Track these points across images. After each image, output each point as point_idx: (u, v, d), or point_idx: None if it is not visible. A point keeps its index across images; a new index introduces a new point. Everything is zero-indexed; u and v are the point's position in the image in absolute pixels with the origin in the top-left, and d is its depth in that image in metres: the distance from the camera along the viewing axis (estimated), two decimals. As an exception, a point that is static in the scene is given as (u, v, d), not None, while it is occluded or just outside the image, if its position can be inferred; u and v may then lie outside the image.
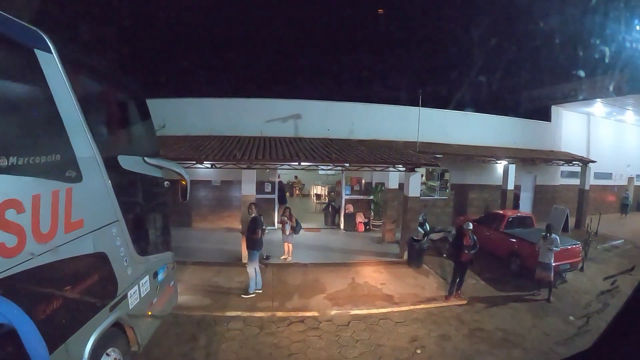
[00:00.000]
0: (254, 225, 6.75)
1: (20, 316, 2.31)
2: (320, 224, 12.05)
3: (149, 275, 4.86)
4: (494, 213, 10.57)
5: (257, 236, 6.73)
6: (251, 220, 6.85)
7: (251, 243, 6.76)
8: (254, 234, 6.71)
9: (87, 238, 3.49)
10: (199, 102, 11.61)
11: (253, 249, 6.77)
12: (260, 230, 6.74)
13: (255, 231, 6.71)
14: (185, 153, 8.09)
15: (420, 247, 8.41)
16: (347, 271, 8.08)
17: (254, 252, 6.79)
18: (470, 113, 13.80)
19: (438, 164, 8.43)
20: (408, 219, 8.71)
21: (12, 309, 2.27)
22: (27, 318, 2.36)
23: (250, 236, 6.74)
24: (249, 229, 6.77)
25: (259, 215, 6.97)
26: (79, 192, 3.37)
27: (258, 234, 6.73)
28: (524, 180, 14.79)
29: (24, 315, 2.34)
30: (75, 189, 3.32)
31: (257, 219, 6.86)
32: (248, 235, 6.78)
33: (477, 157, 11.69)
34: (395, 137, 11.95)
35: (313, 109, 11.67)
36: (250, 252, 6.77)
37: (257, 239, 6.76)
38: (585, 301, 7.27)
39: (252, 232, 6.71)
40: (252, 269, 6.78)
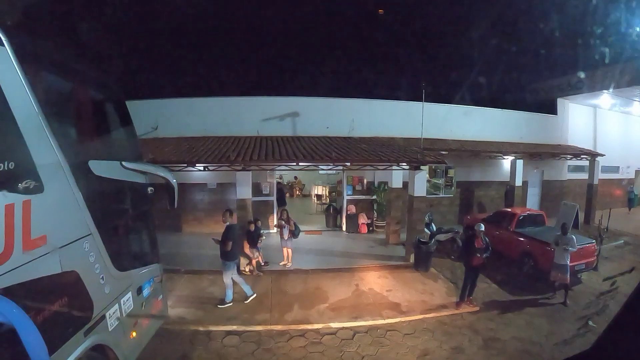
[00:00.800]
0: (229, 235, 6.20)
1: (20, 316, 2.28)
2: (321, 226, 11.58)
3: (132, 291, 4.41)
4: (503, 211, 10.07)
5: (234, 247, 6.21)
6: (226, 229, 6.28)
7: (225, 253, 6.22)
8: (227, 245, 6.17)
9: (52, 256, 3.04)
10: (192, 102, 11.14)
11: (228, 260, 6.27)
12: (232, 242, 6.20)
13: (226, 242, 6.17)
14: (176, 155, 7.62)
15: (427, 250, 7.93)
16: (351, 277, 7.62)
17: (228, 262, 6.29)
18: (475, 107, 13.29)
19: (445, 161, 7.96)
20: (414, 219, 8.23)
21: (12, 309, 2.24)
22: (27, 318, 2.33)
23: (224, 246, 6.20)
24: (223, 238, 6.23)
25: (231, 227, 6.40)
26: (40, 205, 2.92)
27: (228, 245, 6.17)
28: (531, 176, 14.33)
29: (24, 315, 2.31)
30: (35, 201, 2.87)
31: (233, 227, 6.33)
32: (221, 245, 6.23)
33: (484, 153, 11.20)
34: (397, 134, 11.47)
35: (311, 106, 11.18)
36: (224, 263, 6.28)
37: (231, 250, 6.21)
38: (604, 303, 6.91)
39: (226, 243, 6.17)
40: (228, 278, 6.34)
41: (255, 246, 7.41)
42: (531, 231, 9.12)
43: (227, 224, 6.28)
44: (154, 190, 4.93)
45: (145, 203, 4.81)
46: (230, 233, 6.23)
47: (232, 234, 6.23)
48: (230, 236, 6.20)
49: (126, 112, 4.44)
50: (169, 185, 5.11)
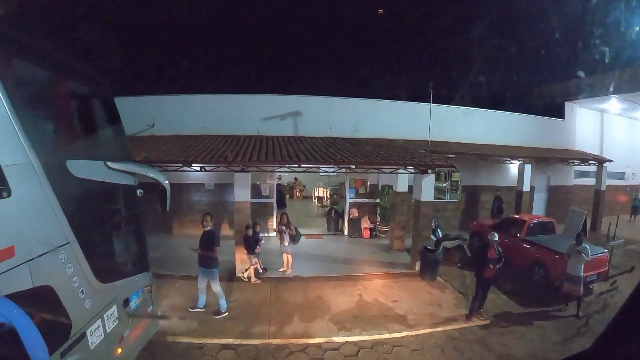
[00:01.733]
0: (208, 241, 5.79)
1: (20, 316, 2.26)
2: (323, 230, 11.18)
3: (118, 304, 4.02)
4: (512, 218, 9.70)
5: (214, 254, 5.78)
6: (204, 234, 5.86)
7: (205, 260, 5.81)
8: (209, 251, 5.75)
9: (21, 270, 2.68)
10: (190, 100, 10.74)
11: (210, 267, 5.86)
12: (216, 248, 5.81)
13: (205, 248, 5.76)
14: (171, 154, 7.22)
15: (434, 258, 7.54)
16: (354, 286, 7.22)
17: (212, 270, 5.89)
18: (481, 110, 12.93)
19: (454, 165, 7.58)
20: (420, 226, 7.84)
21: (12, 309, 2.23)
22: (27, 318, 2.31)
23: (204, 253, 5.79)
24: (201, 244, 5.81)
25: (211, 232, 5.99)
26: (6, 211, 2.55)
27: (216, 251, 5.79)
28: (538, 181, 13.98)
29: (24, 315, 2.29)
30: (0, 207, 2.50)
31: (212, 233, 5.90)
32: (201, 251, 5.81)
33: (492, 156, 10.82)
34: (402, 135, 11.08)
35: (314, 106, 10.78)
36: (206, 271, 5.88)
37: (212, 257, 5.80)
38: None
39: (207, 249, 5.76)
40: (217, 286, 5.95)
41: (253, 252, 7.01)
42: (541, 239, 8.76)
43: (206, 229, 5.87)
44: (144, 192, 4.53)
45: (134, 206, 4.40)
46: (209, 239, 5.82)
47: (212, 240, 5.82)
48: (210, 242, 5.79)
49: (112, 106, 4.03)
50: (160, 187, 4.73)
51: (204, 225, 5.86)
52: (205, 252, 5.78)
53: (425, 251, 7.61)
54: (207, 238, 5.84)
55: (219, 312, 5.92)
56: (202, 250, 5.79)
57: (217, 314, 5.90)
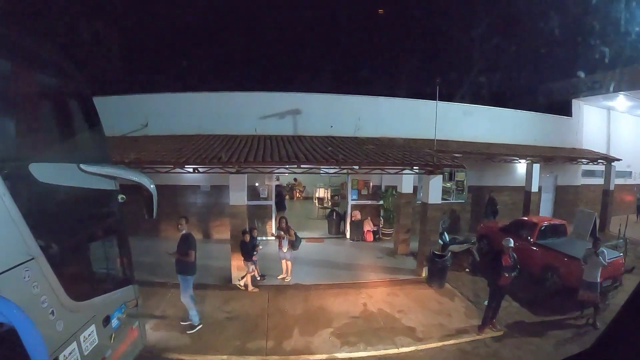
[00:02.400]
0: (185, 245, 5.40)
1: (20, 316, 2.22)
2: (324, 233, 10.75)
3: (97, 323, 3.59)
4: (523, 220, 9.27)
5: (189, 258, 5.38)
6: (181, 239, 5.48)
7: (182, 266, 5.42)
8: (185, 256, 5.36)
9: (-27, 294, 2.25)
10: (185, 98, 10.32)
11: (186, 274, 5.46)
12: (193, 252, 5.41)
13: (182, 253, 5.36)
14: (163, 155, 6.80)
15: (443, 265, 7.12)
16: (357, 294, 6.80)
17: (187, 277, 5.48)
18: (487, 107, 12.50)
19: (463, 165, 7.16)
20: (428, 230, 7.42)
21: (12, 309, 2.20)
22: (27, 318, 2.27)
23: (180, 258, 5.40)
24: (178, 249, 5.42)
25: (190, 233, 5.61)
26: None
27: (192, 255, 5.39)
28: (545, 181, 13.57)
29: (24, 315, 2.26)
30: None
31: (189, 237, 5.50)
32: (177, 257, 5.42)
33: (500, 156, 10.39)
34: (406, 134, 10.66)
35: (314, 103, 10.35)
36: (182, 278, 5.47)
37: (189, 262, 5.41)
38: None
39: (183, 254, 5.36)
40: (186, 297, 5.51)
41: (250, 259, 6.59)
42: (554, 243, 8.35)
43: (182, 232, 5.48)
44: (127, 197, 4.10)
45: (114, 214, 3.98)
46: (186, 243, 5.42)
47: (189, 244, 5.42)
48: (186, 246, 5.39)
49: (87, 102, 3.59)
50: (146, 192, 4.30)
51: (179, 229, 5.46)
52: (182, 257, 5.38)
53: (433, 257, 7.19)
54: (182, 242, 5.44)
55: (192, 325, 5.49)
56: (181, 255, 5.38)
57: (190, 328, 5.46)
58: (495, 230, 9.57)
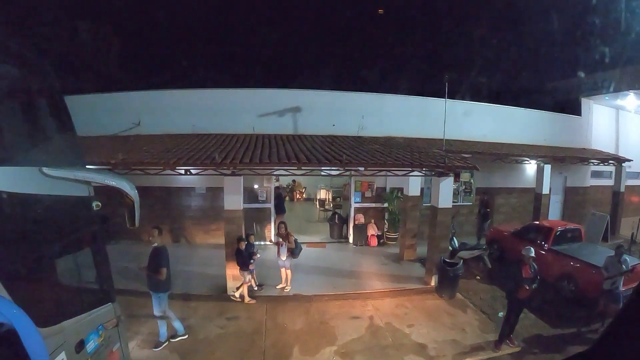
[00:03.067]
0: (156, 260, 4.81)
1: (20, 316, 2.14)
2: (325, 237, 10.24)
3: (68, 350, 3.08)
4: (537, 225, 8.78)
5: (160, 276, 4.78)
6: (152, 253, 4.87)
7: (153, 283, 4.84)
8: (156, 273, 4.77)
9: None
10: (179, 95, 9.80)
11: (157, 291, 4.90)
12: (165, 269, 4.82)
13: (154, 268, 4.78)
14: (152, 156, 6.28)
15: (454, 274, 6.61)
16: (363, 306, 6.29)
17: (159, 294, 4.92)
18: (495, 106, 12.00)
19: (476, 166, 6.66)
20: (437, 235, 6.91)
21: (12, 309, 2.12)
22: (27, 318, 2.19)
23: (152, 274, 4.80)
24: (150, 264, 4.80)
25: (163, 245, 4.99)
26: None
27: (163, 273, 4.79)
28: (554, 182, 13.07)
29: (24, 315, 2.17)
30: None
31: (160, 250, 4.88)
32: (149, 273, 4.80)
33: (511, 156, 9.88)
34: (412, 133, 10.16)
35: (315, 101, 9.83)
36: (153, 295, 4.93)
37: (161, 279, 4.82)
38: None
39: (155, 270, 4.77)
40: (159, 313, 5.01)
41: (246, 268, 6.07)
42: (570, 249, 7.86)
43: (154, 245, 4.86)
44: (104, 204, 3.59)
45: (88, 223, 3.47)
46: (157, 258, 4.82)
47: (160, 259, 4.82)
48: (157, 262, 4.80)
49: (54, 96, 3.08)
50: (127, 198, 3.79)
51: (150, 241, 4.86)
52: (153, 272, 4.81)
53: (443, 265, 6.68)
54: (153, 256, 4.85)
55: (159, 342, 5.01)
56: (149, 271, 4.80)
57: (156, 345, 4.97)
58: (505, 235, 9.08)
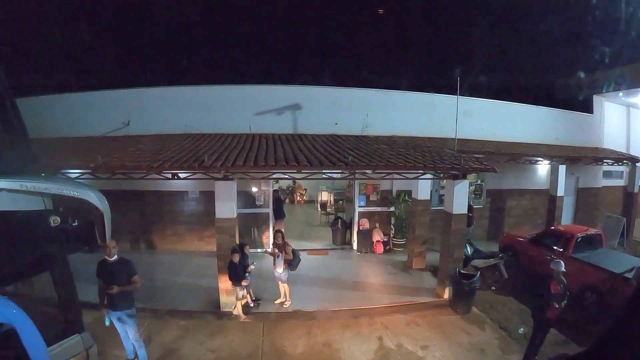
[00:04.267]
0: (127, 270, 4.20)
1: (20, 316, 2.21)
2: (328, 243, 9.63)
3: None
4: (556, 230, 8.17)
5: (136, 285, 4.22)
6: (118, 264, 4.17)
7: (123, 300, 4.19)
8: (131, 284, 4.18)
9: None
10: (171, 92, 9.20)
11: (130, 307, 4.27)
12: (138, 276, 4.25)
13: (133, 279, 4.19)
14: (137, 158, 5.68)
15: (471, 287, 6.01)
16: (371, 324, 5.68)
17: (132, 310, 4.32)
18: (506, 103, 11.39)
19: (495, 168, 6.06)
20: (452, 244, 6.30)
21: (12, 309, 2.19)
22: (27, 318, 2.24)
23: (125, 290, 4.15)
24: (118, 278, 4.11)
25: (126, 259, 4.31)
26: None
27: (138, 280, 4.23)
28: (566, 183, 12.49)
29: (24, 315, 2.24)
30: None
31: (126, 260, 4.26)
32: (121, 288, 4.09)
33: (525, 156, 9.29)
34: (419, 132, 9.54)
35: (317, 98, 9.21)
36: (127, 315, 4.29)
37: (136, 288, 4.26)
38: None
39: (128, 281, 4.17)
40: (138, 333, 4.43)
41: (239, 283, 5.44)
42: (592, 257, 7.26)
43: (114, 257, 4.13)
44: (66, 218, 2.99)
45: (44, 242, 2.87)
46: (126, 266, 4.21)
47: (129, 269, 4.22)
48: (129, 270, 4.20)
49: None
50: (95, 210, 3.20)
51: (109, 255, 4.09)
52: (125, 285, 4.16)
53: (459, 277, 6.07)
54: (121, 268, 4.21)
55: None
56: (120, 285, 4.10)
57: None
58: (521, 242, 8.48)
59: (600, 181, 13.87)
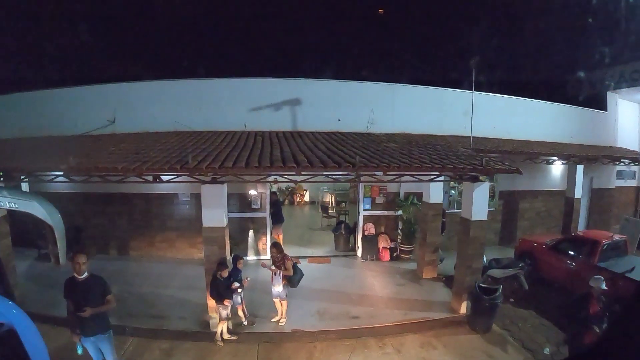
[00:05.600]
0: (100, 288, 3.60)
1: (20, 316, 2.22)
2: (330, 249, 8.96)
3: None
4: (579, 236, 7.52)
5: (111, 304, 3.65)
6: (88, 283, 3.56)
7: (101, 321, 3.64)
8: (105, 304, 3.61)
9: None
10: (160, 87, 8.50)
11: (107, 328, 3.75)
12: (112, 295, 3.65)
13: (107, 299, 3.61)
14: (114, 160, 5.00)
15: (492, 303, 5.34)
16: (380, 347, 5.01)
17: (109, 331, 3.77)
18: (519, 99, 10.73)
19: (519, 169, 5.41)
20: (470, 254, 5.64)
21: (12, 309, 2.20)
22: (27, 318, 2.26)
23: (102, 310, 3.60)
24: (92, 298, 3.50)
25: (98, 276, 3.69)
26: None
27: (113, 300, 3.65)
28: (581, 184, 11.87)
29: (24, 315, 2.25)
30: None
31: (98, 277, 3.65)
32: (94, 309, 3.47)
33: (543, 156, 8.63)
34: (430, 129, 8.87)
35: (318, 92, 8.50)
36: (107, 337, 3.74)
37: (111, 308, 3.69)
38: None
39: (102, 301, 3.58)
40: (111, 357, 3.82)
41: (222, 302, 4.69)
42: (619, 265, 6.61)
43: (84, 275, 3.51)
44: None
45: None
46: (98, 284, 3.60)
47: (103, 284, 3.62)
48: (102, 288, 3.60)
49: None
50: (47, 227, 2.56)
51: (79, 271, 3.48)
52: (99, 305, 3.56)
53: (479, 293, 5.41)
54: (93, 286, 3.58)
55: None
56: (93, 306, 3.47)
57: None
58: (540, 248, 7.82)
59: (614, 182, 13.30)
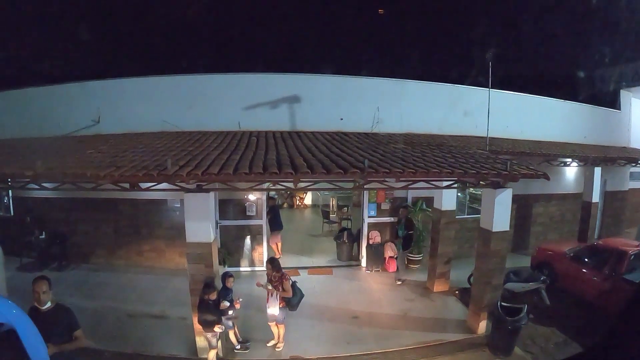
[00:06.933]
0: (67, 320, 3.01)
1: (20, 316, 2.22)
2: (332, 259, 8.31)
3: None
4: (602, 246, 6.91)
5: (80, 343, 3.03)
6: (54, 313, 2.96)
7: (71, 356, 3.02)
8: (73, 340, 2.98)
9: None
10: (148, 83, 7.87)
11: None
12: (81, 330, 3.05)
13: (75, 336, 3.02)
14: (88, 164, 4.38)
15: (515, 325, 4.72)
16: (391, 377, 4.40)
17: None
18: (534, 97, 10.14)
19: (546, 174, 4.80)
20: (490, 269, 5.02)
21: (12, 309, 2.20)
22: (27, 318, 2.26)
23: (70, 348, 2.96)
24: (58, 331, 2.90)
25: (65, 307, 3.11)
26: None
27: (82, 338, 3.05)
28: (593, 186, 11.31)
29: (24, 315, 2.26)
30: None
31: (65, 307, 3.09)
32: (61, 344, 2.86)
33: (562, 158, 8.03)
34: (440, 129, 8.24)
35: (318, 88, 7.87)
36: None
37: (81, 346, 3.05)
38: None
39: (69, 336, 2.97)
40: None
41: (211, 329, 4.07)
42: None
43: (47, 306, 2.94)
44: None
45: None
46: (65, 315, 3.02)
47: (70, 315, 3.04)
48: (69, 320, 3.02)
49: None
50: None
51: (39, 301, 2.90)
52: (66, 341, 2.93)
53: (501, 314, 4.78)
54: (59, 318, 2.99)
55: None
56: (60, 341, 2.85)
57: None
58: (559, 258, 7.21)
59: (627, 184, 12.77)
